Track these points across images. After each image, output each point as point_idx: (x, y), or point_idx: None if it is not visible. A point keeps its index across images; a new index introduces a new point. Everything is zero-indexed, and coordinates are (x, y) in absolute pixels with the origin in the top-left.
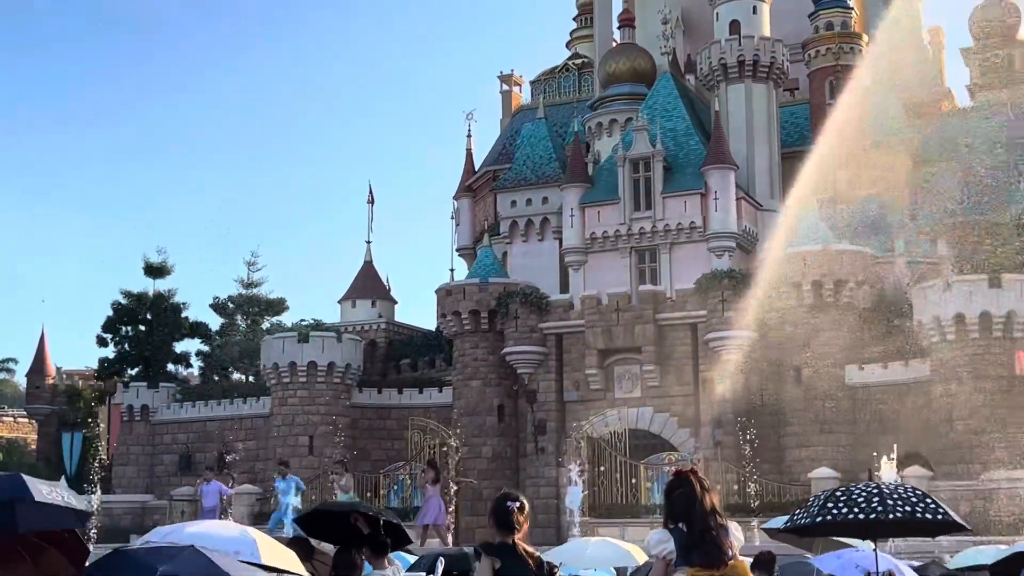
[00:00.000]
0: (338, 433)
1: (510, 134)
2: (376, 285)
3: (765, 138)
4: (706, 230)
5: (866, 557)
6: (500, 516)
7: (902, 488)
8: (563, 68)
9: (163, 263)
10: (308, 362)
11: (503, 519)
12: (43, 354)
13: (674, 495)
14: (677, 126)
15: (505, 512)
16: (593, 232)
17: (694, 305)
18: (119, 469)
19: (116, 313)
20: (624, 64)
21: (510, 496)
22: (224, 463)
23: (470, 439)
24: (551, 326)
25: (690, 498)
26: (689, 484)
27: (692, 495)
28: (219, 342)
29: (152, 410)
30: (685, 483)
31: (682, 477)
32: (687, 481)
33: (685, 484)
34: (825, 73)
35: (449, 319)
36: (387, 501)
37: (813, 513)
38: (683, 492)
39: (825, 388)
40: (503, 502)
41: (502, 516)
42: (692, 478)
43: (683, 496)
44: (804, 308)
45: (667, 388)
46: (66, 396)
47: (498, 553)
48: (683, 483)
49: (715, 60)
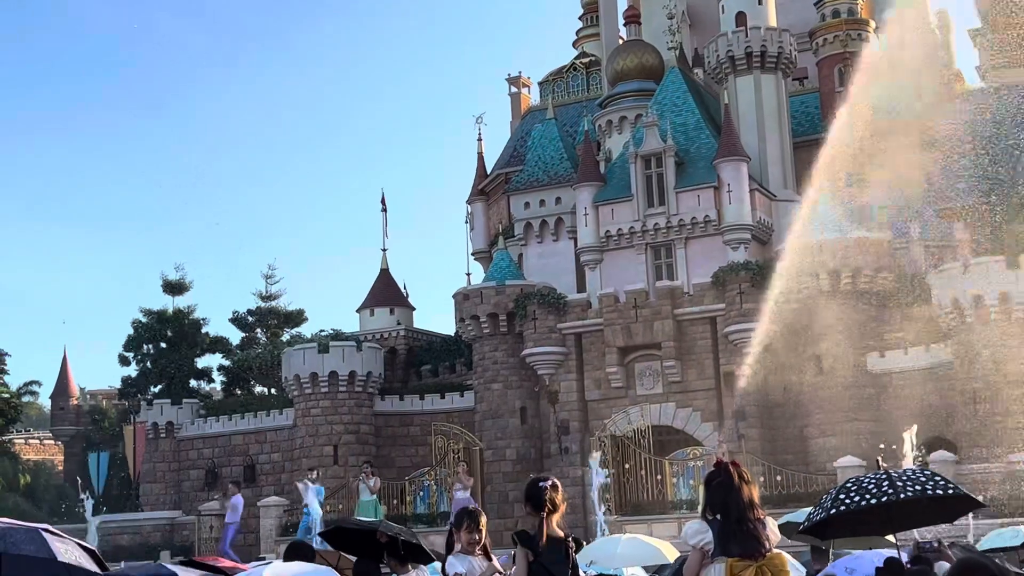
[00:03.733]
0: (362, 442)
1: (520, 136)
2: (393, 292)
3: (776, 128)
4: (721, 223)
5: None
6: (533, 496)
7: (910, 471)
8: (570, 68)
9: (181, 280)
10: (329, 372)
11: (537, 499)
12: (66, 375)
13: (713, 484)
14: (687, 120)
15: (538, 492)
16: (608, 230)
17: (712, 299)
18: (146, 487)
19: (137, 331)
20: (632, 61)
21: (541, 477)
22: (253, 474)
23: (493, 442)
24: (570, 326)
25: (728, 488)
26: (728, 474)
27: (730, 485)
28: (240, 356)
29: (177, 426)
30: (724, 473)
31: (721, 467)
32: (726, 471)
33: (724, 474)
34: (834, 61)
35: (468, 323)
36: (413, 507)
37: (827, 507)
38: (721, 482)
39: (847, 376)
40: (535, 483)
41: (535, 496)
42: (731, 469)
43: (721, 486)
44: (823, 297)
45: (688, 383)
46: (90, 416)
47: (530, 542)
48: (722, 473)
49: (723, 53)
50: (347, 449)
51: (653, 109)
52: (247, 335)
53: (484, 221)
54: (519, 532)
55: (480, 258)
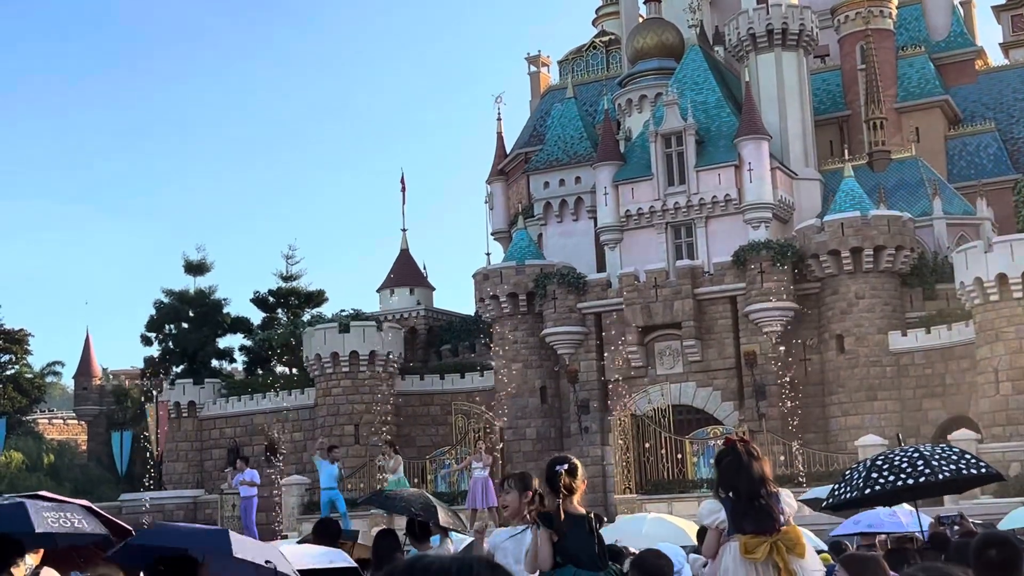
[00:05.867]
0: (384, 419)
1: (540, 115)
2: (413, 272)
3: (797, 106)
4: (741, 202)
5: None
6: (549, 480)
7: (940, 448)
8: (590, 46)
9: (202, 260)
10: (350, 352)
11: (551, 483)
12: (89, 355)
13: (723, 464)
14: (708, 99)
15: (553, 476)
16: (628, 210)
17: (732, 278)
18: (169, 465)
19: (159, 312)
20: (652, 39)
21: (558, 460)
22: (274, 453)
23: (514, 421)
24: (590, 306)
25: (738, 465)
26: (736, 452)
27: (740, 463)
28: (261, 336)
29: (199, 406)
30: (733, 451)
31: (730, 445)
32: (734, 449)
33: (733, 452)
34: (855, 38)
35: (488, 303)
36: (434, 486)
37: (860, 486)
38: (731, 460)
39: (869, 355)
40: (552, 466)
41: (550, 480)
42: (739, 446)
43: (731, 464)
44: (844, 275)
45: (709, 362)
46: (113, 396)
47: (549, 521)
48: (731, 451)
49: (743, 30)
50: (368, 428)
51: (673, 87)
52: (268, 315)
53: (504, 201)
54: (541, 513)
55: (500, 238)
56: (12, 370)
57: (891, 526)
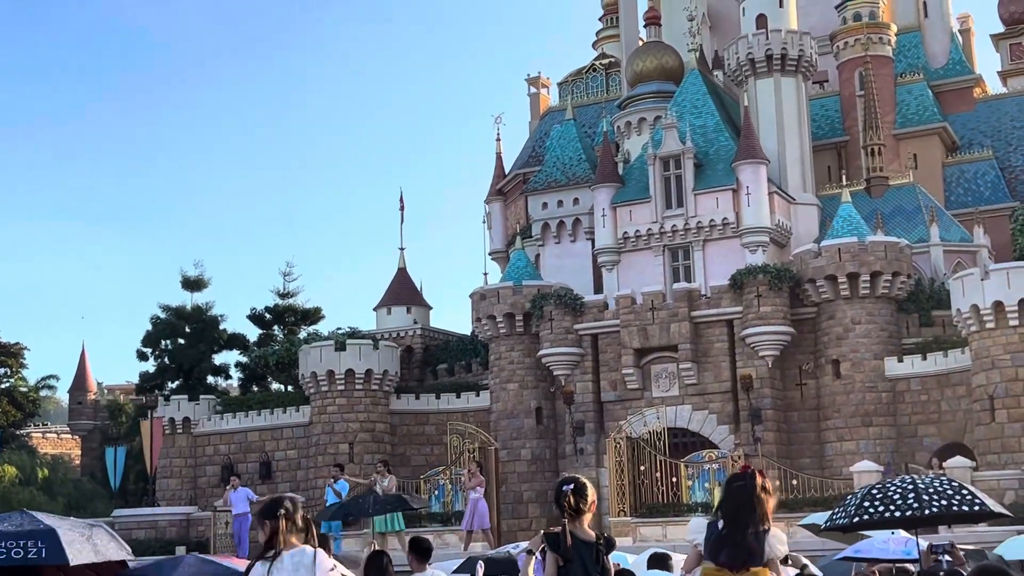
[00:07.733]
0: (377, 440)
1: (539, 136)
2: (410, 291)
3: (796, 131)
4: (739, 226)
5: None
6: (556, 499)
7: (938, 481)
8: (590, 68)
9: (200, 276)
10: (346, 370)
11: (557, 502)
12: (84, 370)
13: (733, 486)
14: (707, 122)
15: (558, 496)
16: (625, 231)
17: (729, 301)
18: (163, 482)
19: (155, 327)
20: (651, 62)
21: (566, 480)
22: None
23: (509, 442)
24: (586, 327)
25: (745, 495)
26: (751, 480)
27: (750, 491)
28: (257, 353)
29: (193, 422)
30: (748, 478)
31: (747, 472)
32: (751, 477)
33: (747, 479)
34: (854, 64)
35: (484, 323)
36: (428, 506)
37: (851, 513)
38: (742, 486)
39: (864, 381)
40: (559, 486)
41: (556, 499)
42: (758, 477)
43: (739, 490)
44: (841, 301)
45: (705, 385)
46: (108, 411)
47: (556, 544)
48: (745, 478)
49: (743, 55)
50: (363, 447)
51: (672, 111)
52: (264, 332)
53: (502, 221)
54: (548, 535)
55: (497, 258)
56: (7, 384)
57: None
